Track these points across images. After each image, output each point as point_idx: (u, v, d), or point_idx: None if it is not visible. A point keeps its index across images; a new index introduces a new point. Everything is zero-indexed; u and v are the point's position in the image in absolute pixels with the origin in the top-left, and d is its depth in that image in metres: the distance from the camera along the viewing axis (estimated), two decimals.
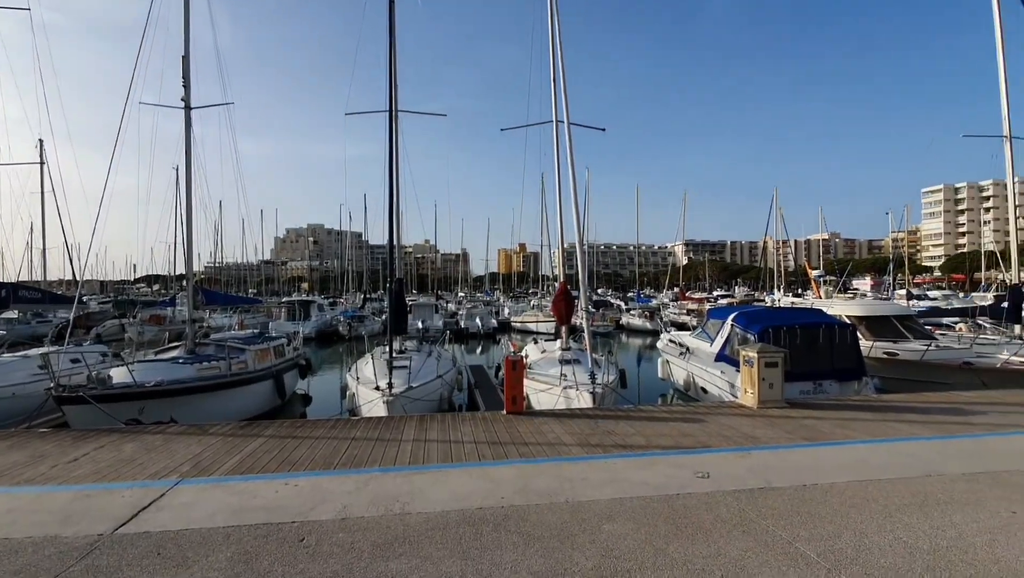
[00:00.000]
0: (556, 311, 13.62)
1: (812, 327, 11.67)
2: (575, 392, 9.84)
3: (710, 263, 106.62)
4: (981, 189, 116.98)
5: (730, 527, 4.02)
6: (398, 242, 15.86)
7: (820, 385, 10.92)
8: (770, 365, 8.55)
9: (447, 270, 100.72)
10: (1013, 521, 4.13)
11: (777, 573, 3.36)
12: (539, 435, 6.83)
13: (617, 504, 4.47)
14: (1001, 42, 17.14)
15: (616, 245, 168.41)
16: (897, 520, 4.15)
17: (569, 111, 12.46)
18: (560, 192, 13.28)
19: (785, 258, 73.76)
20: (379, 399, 9.56)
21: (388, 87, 13.27)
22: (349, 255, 58.16)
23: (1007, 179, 18.30)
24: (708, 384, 12.50)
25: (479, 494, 4.72)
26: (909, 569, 3.41)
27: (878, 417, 7.72)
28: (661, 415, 8.17)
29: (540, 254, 48.41)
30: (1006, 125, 17.48)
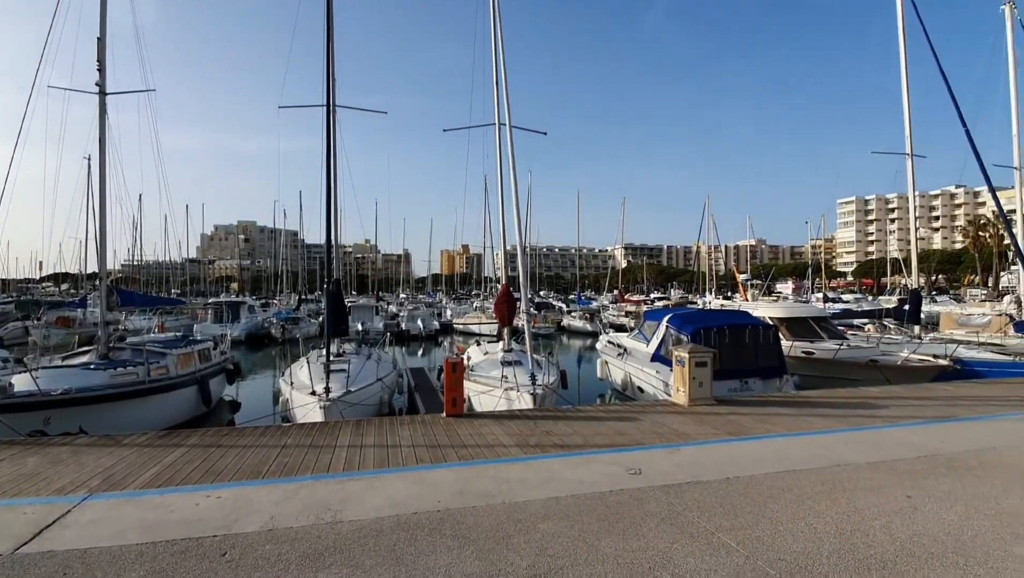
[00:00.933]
0: (498, 313, 13.69)
1: (739, 328, 12.34)
2: (516, 393, 9.91)
3: (648, 266, 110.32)
4: (887, 202, 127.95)
5: (659, 521, 4.18)
6: (336, 241, 15.39)
7: (746, 383, 11.54)
8: (700, 365, 8.96)
9: (388, 271, 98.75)
10: (908, 504, 4.54)
11: (700, 562, 3.53)
12: (478, 437, 6.83)
13: (553, 503, 4.54)
14: (905, 75, 18.84)
15: (558, 248, 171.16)
16: (808, 508, 4.46)
17: (511, 114, 12.57)
18: (502, 194, 13.38)
19: (716, 263, 77.65)
20: (314, 404, 9.24)
21: (325, 80, 12.87)
22: (284, 254, 55.80)
23: (909, 193, 20.12)
24: (644, 383, 12.93)
25: (415, 499, 4.66)
26: (817, 552, 3.68)
27: (796, 412, 8.26)
28: (598, 415, 8.38)
29: (483, 256, 48.43)
30: (908, 144, 19.22)
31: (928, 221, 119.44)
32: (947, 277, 78.96)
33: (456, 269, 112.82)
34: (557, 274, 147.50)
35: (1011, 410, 8.28)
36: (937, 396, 9.65)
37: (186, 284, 60.65)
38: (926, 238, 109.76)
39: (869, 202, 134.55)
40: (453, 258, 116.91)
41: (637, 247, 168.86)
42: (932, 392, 10.22)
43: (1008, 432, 6.96)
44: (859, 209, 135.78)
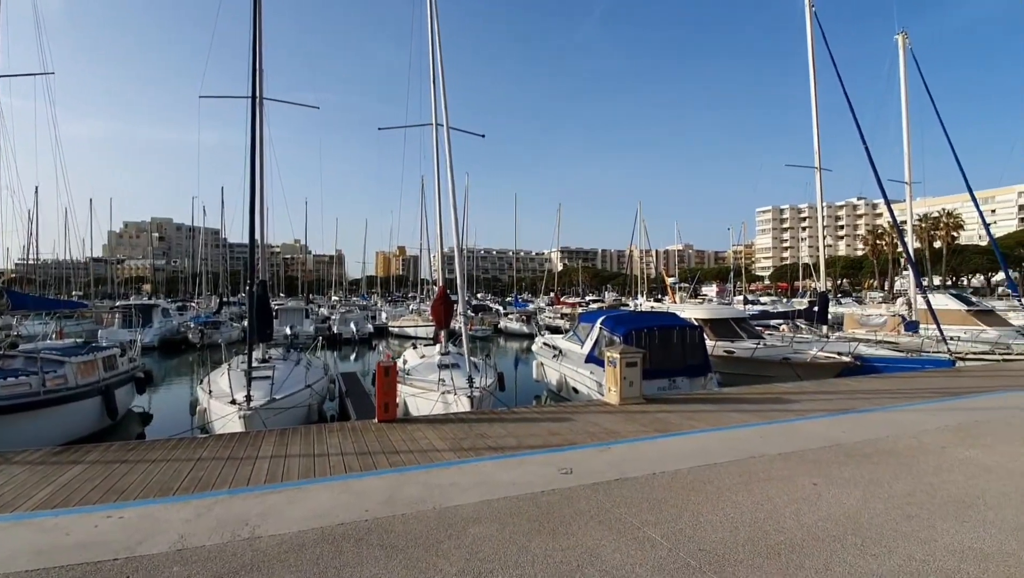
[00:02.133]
0: (435, 315, 13.52)
1: (668, 329, 12.85)
2: (453, 396, 9.81)
3: (583, 269, 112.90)
4: (800, 211, 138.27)
5: (587, 518, 4.26)
6: (262, 241, 14.66)
7: (674, 381, 12.04)
8: (631, 365, 9.24)
9: (320, 272, 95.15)
10: (814, 492, 4.89)
11: (626, 557, 3.62)
12: (411, 442, 6.69)
13: (484, 506, 4.52)
14: (814, 96, 20.41)
15: (496, 250, 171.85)
16: (727, 499, 4.70)
17: (448, 115, 12.46)
18: (439, 196, 13.22)
19: (648, 266, 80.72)
20: (234, 414, 8.72)
21: (251, 70, 12.23)
22: (204, 254, 52.32)
23: (817, 203, 21.80)
24: (579, 384, 13.19)
25: (341, 509, 4.49)
26: (733, 541, 3.88)
27: (718, 408, 8.71)
28: (533, 416, 8.44)
29: (420, 257, 47.74)
30: (817, 159, 20.83)
31: (834, 230, 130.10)
32: (850, 281, 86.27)
33: (392, 271, 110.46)
34: (494, 276, 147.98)
35: (902, 402, 9.14)
36: (840, 390, 10.48)
37: (90, 285, 55.58)
38: (832, 245, 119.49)
39: (784, 211, 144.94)
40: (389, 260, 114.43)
41: (573, 250, 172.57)
42: (836, 387, 11.10)
43: (899, 422, 7.67)
44: (775, 218, 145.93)
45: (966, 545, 3.82)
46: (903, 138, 22.82)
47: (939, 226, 72.00)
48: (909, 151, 22.86)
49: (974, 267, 72.36)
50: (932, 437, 6.79)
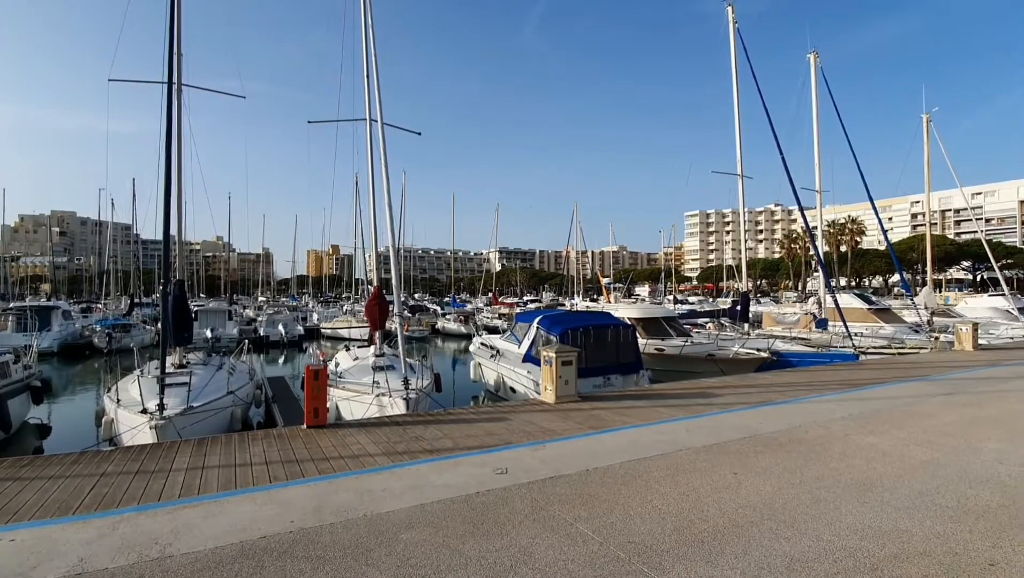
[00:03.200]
0: (370, 316, 13.15)
1: (602, 328, 13.20)
2: (388, 399, 9.59)
3: (521, 270, 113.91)
4: (724, 216, 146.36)
5: (522, 518, 4.27)
6: (180, 237, 13.70)
7: (608, 379, 12.37)
8: (566, 363, 9.39)
9: (246, 272, 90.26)
10: (734, 481, 5.16)
11: (559, 553, 3.66)
12: (343, 448, 6.45)
13: (418, 510, 4.43)
14: (737, 108, 21.62)
15: (433, 250, 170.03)
16: (655, 491, 4.86)
17: (383, 110, 12.15)
18: (374, 194, 12.86)
19: (584, 267, 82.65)
20: (145, 424, 8.09)
21: (168, 53, 11.41)
22: (112, 251, 48.13)
23: (739, 209, 23.13)
24: (516, 384, 13.27)
25: (264, 521, 4.25)
26: (661, 532, 4.02)
27: (648, 404, 9.01)
28: (469, 417, 8.39)
29: (354, 257, 46.37)
30: (739, 167, 22.10)
31: (755, 234, 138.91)
32: (769, 282, 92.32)
33: (325, 271, 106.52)
34: (432, 277, 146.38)
35: (813, 393, 9.85)
36: (759, 384, 11.16)
37: None
38: (753, 249, 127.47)
39: (710, 216, 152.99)
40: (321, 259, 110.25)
41: (511, 251, 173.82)
42: (755, 381, 11.80)
43: (810, 412, 8.26)
44: (702, 222, 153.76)
45: (866, 524, 4.16)
46: (814, 150, 24.69)
47: (845, 232, 78.60)
48: (819, 162, 24.76)
49: (874, 269, 79.50)
50: (838, 425, 7.36)
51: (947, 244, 70.45)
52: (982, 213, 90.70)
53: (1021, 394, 9.59)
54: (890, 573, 3.41)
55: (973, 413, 8.10)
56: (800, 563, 3.54)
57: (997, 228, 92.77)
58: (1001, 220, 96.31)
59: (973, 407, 8.53)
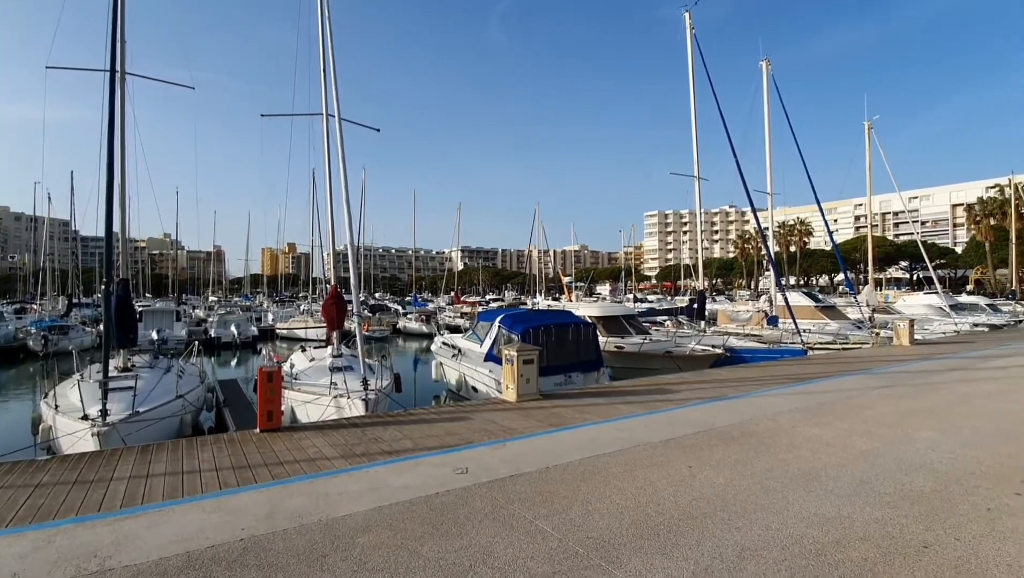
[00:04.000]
0: (327, 315, 12.85)
1: (564, 326, 13.31)
2: (346, 401, 9.40)
3: (484, 269, 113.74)
4: (682, 216, 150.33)
5: (482, 517, 4.26)
6: (123, 233, 13.02)
7: (569, 377, 12.50)
8: (528, 362, 9.43)
9: (196, 270, 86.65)
10: (689, 474, 5.30)
11: (519, 551, 3.66)
12: (298, 452, 6.28)
13: (376, 513, 4.35)
14: (694, 112, 22.19)
15: (395, 249, 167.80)
16: (614, 486, 4.94)
17: (340, 105, 11.87)
18: (331, 190, 12.57)
19: (546, 266, 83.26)
20: (86, 431, 7.65)
21: (111, 39, 10.78)
22: (48, 248, 45.31)
23: (696, 209, 23.78)
24: (478, 383, 13.24)
25: (213, 529, 4.08)
26: (618, 525, 4.08)
27: (608, 401, 9.15)
28: (430, 417, 8.31)
29: (311, 255, 45.20)
30: (696, 169, 22.70)
31: (711, 234, 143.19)
32: (724, 281, 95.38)
33: (281, 269, 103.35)
34: (393, 276, 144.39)
35: (764, 387, 10.23)
36: (714, 380, 11.51)
37: None
38: (709, 248, 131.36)
39: (668, 216, 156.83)
40: (277, 257, 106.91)
41: (474, 250, 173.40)
42: (710, 376, 12.17)
43: (761, 406, 8.58)
44: (660, 222, 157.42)
45: (811, 512, 4.35)
46: (766, 153, 25.64)
47: (794, 232, 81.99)
48: (771, 165, 25.73)
49: (821, 268, 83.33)
50: (786, 418, 7.67)
51: (887, 245, 74.52)
52: (918, 216, 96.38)
53: (952, 386, 10.24)
54: (833, 558, 3.58)
55: (909, 405, 8.59)
56: (750, 552, 3.67)
57: (931, 230, 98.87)
58: (935, 223, 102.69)
59: (909, 399, 9.04)
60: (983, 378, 11.13)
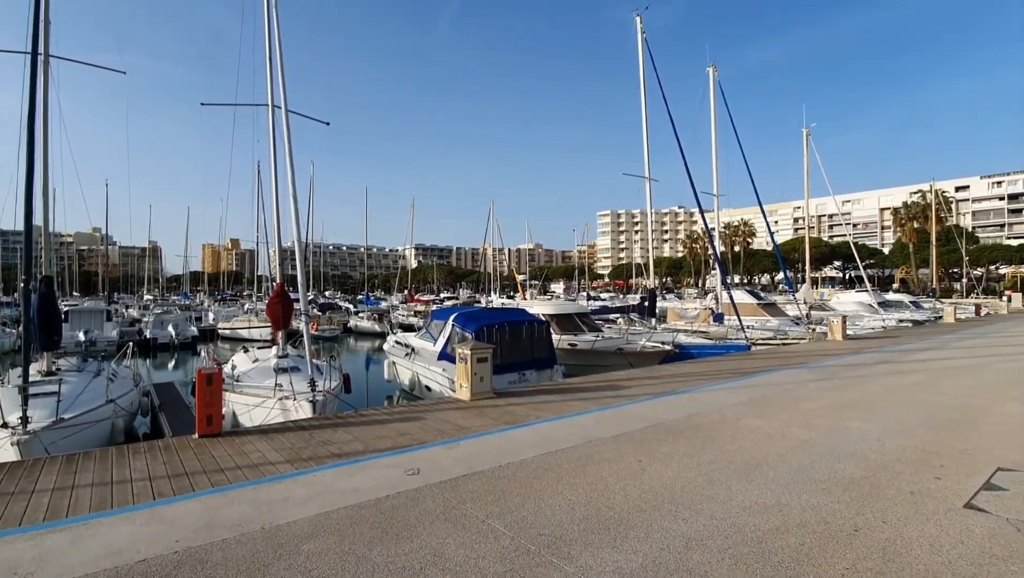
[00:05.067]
0: (271, 314, 12.35)
1: (517, 324, 13.34)
2: (292, 403, 9.08)
3: (438, 267, 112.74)
4: (633, 216, 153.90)
5: (433, 518, 4.19)
6: (45, 227, 12.09)
7: (523, 375, 12.54)
8: (481, 360, 9.39)
9: (129, 268, 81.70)
10: (639, 468, 5.41)
11: (470, 552, 3.63)
12: (240, 457, 6.01)
13: (323, 518, 4.21)
14: (645, 116, 22.74)
15: (346, 246, 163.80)
16: (566, 483, 4.98)
17: (287, 96, 11.40)
18: (277, 184, 12.08)
19: (500, 264, 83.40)
20: (6, 440, 7.09)
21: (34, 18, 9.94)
22: None
23: (647, 209, 24.37)
24: (432, 382, 13.09)
25: (145, 542, 3.84)
26: (570, 521, 4.12)
27: (561, 398, 9.24)
28: (382, 417, 8.14)
29: (257, 252, 43.48)
30: (647, 170, 23.27)
31: (661, 234, 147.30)
32: (673, 279, 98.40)
33: (224, 267, 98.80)
34: (345, 274, 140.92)
35: (710, 382, 10.60)
36: (663, 375, 11.83)
37: None
38: (659, 248, 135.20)
39: (620, 216, 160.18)
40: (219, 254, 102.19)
41: (428, 248, 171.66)
42: (660, 372, 12.50)
43: (707, 400, 8.88)
44: (613, 221, 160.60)
45: (753, 501, 4.52)
46: (712, 156, 26.59)
47: (739, 233, 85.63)
48: (717, 168, 26.70)
49: (763, 268, 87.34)
50: (731, 411, 7.97)
51: (822, 246, 78.89)
52: (850, 219, 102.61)
53: (879, 379, 10.93)
54: (772, 545, 3.73)
55: (842, 397, 9.11)
56: (696, 542, 3.78)
57: (862, 232, 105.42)
58: (865, 225, 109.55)
59: (842, 391, 9.59)
60: (907, 370, 11.94)
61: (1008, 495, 4.64)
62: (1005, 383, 10.17)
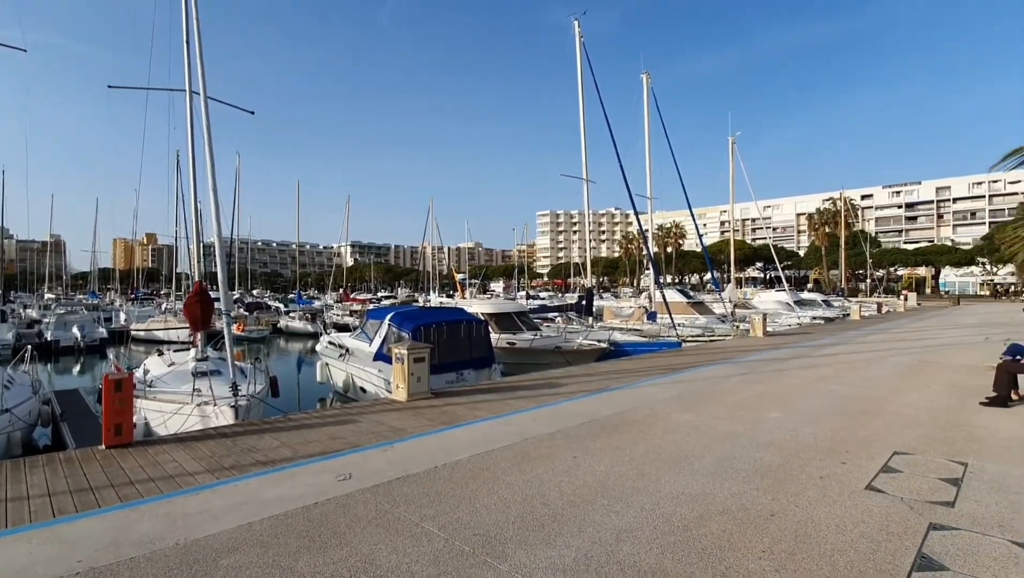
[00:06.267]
0: (189, 315, 11.56)
1: (455, 324, 13.24)
2: (213, 408, 8.56)
3: (376, 265, 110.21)
4: (572, 216, 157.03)
5: (365, 524, 4.07)
6: None
7: (461, 374, 12.46)
8: (418, 360, 9.24)
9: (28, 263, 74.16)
10: (573, 464, 5.50)
11: (403, 556, 3.55)
12: (154, 469, 5.58)
13: (245, 530, 3.98)
14: (583, 119, 23.19)
15: (276, 243, 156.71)
16: (502, 481, 4.99)
17: (206, 81, 10.65)
18: (195, 175, 11.30)
19: (440, 263, 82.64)
20: None
21: None
22: None
23: (584, 210, 24.90)
24: (367, 383, 12.75)
25: (43, 564, 3.48)
26: (505, 519, 4.12)
27: (500, 397, 9.26)
28: (313, 421, 7.83)
29: (176, 247, 40.69)
30: (584, 171, 23.75)
31: (598, 234, 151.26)
32: (610, 279, 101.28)
33: (138, 263, 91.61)
34: (275, 272, 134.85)
35: (643, 378, 10.97)
36: (599, 372, 12.13)
37: None
38: (596, 248, 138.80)
39: (560, 216, 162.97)
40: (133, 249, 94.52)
41: (365, 245, 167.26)
42: (596, 369, 12.81)
43: (640, 396, 9.18)
44: (552, 221, 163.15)
45: (680, 491, 4.71)
46: (646, 160, 27.56)
47: (671, 235, 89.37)
48: (650, 172, 27.71)
49: (693, 268, 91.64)
50: (662, 406, 8.29)
51: (746, 248, 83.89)
52: (771, 223, 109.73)
53: (795, 372, 11.73)
54: (697, 532, 3.90)
55: (762, 389, 9.69)
56: (626, 533, 3.88)
57: (781, 235, 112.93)
58: (784, 229, 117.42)
59: (762, 384, 10.20)
60: (819, 364, 12.90)
61: (902, 476, 5.10)
62: (901, 375, 11.20)
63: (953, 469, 5.28)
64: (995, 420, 7.29)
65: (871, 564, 3.44)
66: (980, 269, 74.21)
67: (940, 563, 3.44)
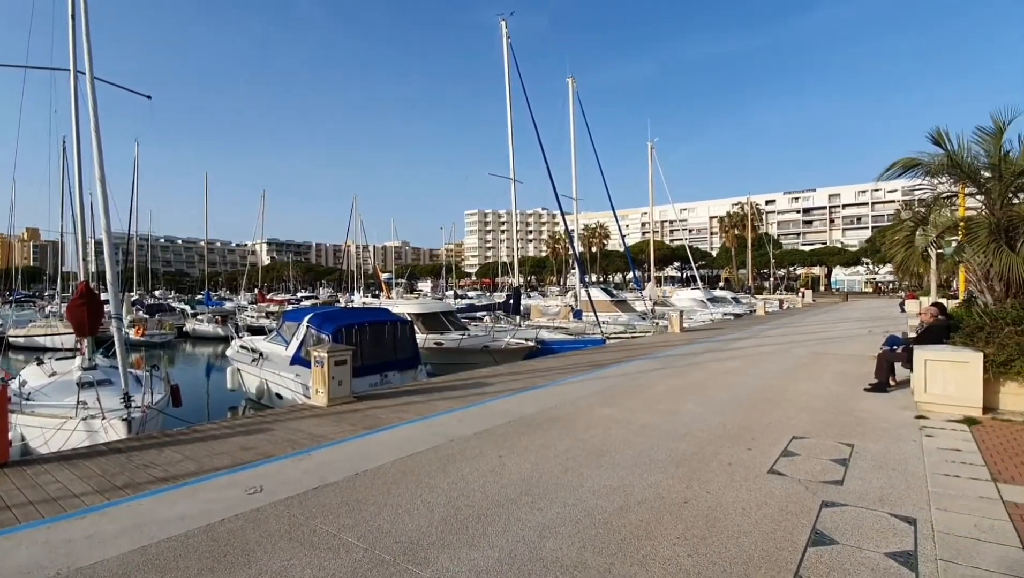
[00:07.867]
0: (73, 319, 10.39)
1: (379, 324, 12.88)
2: (102, 422, 7.76)
3: (295, 264, 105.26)
4: (500, 216, 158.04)
5: (277, 539, 3.82)
6: None
7: (386, 376, 12.13)
8: (340, 363, 8.87)
9: None
10: (499, 463, 5.49)
11: (319, 570, 3.36)
12: (33, 491, 4.95)
13: (138, 555, 3.61)
14: (510, 120, 23.34)
15: (182, 239, 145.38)
16: (426, 485, 4.88)
17: (92, 59, 9.54)
18: (81, 164, 10.16)
19: (365, 262, 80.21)
20: None
21: None
22: None
23: (512, 210, 25.09)
24: (283, 389, 12.09)
25: None
26: (428, 524, 4.03)
27: (426, 398, 9.09)
28: (222, 431, 7.28)
29: (63, 244, 36.66)
30: (512, 171, 23.94)
31: (526, 234, 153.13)
32: (537, 278, 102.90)
33: (17, 261, 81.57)
34: (180, 271, 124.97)
35: (568, 375, 11.20)
36: (526, 370, 12.25)
37: None
38: (524, 248, 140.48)
39: (488, 215, 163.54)
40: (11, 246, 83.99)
41: (283, 243, 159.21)
42: (523, 368, 12.93)
43: (565, 393, 9.36)
44: (480, 220, 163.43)
45: (602, 484, 4.83)
46: (571, 162, 28.23)
47: (595, 235, 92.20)
48: (576, 173, 28.42)
49: (616, 267, 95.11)
50: (585, 402, 8.49)
51: (665, 249, 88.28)
52: (687, 225, 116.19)
53: (707, 365, 12.46)
54: (617, 523, 4.01)
55: (678, 382, 10.19)
56: (549, 530, 3.92)
57: (696, 237, 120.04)
58: (698, 231, 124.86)
59: (678, 378, 10.74)
60: (729, 357, 13.78)
61: (799, 459, 5.53)
62: (798, 366, 12.20)
63: (842, 450, 5.81)
64: (877, 405, 8.11)
65: (772, 542, 3.68)
66: (865, 268, 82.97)
67: (831, 538, 3.76)
